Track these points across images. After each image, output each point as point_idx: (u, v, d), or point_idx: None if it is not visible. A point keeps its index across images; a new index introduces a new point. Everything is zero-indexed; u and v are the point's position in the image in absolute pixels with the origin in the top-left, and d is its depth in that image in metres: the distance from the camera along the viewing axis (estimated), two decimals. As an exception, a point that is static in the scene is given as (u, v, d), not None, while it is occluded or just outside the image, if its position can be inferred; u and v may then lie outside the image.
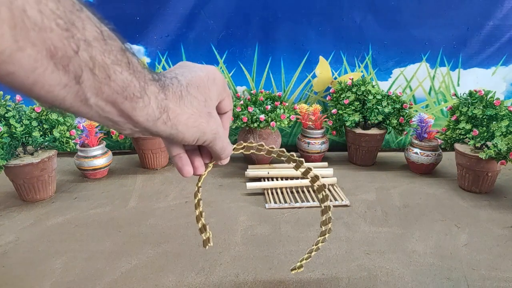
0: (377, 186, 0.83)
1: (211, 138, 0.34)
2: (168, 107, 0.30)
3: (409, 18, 0.94)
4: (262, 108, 0.86)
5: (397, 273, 0.53)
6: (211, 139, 0.35)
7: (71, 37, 0.23)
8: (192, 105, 0.31)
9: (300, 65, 0.99)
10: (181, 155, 0.37)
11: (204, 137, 0.33)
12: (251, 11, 0.92)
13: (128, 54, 0.27)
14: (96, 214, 0.70)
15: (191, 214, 0.70)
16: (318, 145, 0.94)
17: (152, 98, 0.29)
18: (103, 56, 0.25)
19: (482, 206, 0.74)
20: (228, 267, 0.54)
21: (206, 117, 0.33)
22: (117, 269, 0.53)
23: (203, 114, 0.32)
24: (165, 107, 0.30)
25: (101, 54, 0.25)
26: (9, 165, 0.69)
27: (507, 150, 0.69)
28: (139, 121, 0.29)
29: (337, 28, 0.95)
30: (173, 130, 0.31)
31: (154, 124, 0.30)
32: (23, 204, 0.74)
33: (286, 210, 0.71)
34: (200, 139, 0.33)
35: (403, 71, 1.00)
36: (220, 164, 0.40)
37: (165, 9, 0.90)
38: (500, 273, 0.53)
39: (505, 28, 0.95)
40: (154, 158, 0.91)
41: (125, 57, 0.27)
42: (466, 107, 0.80)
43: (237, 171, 0.92)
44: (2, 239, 0.61)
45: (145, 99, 0.28)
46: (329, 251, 0.58)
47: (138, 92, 0.28)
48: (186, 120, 0.31)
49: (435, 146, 0.87)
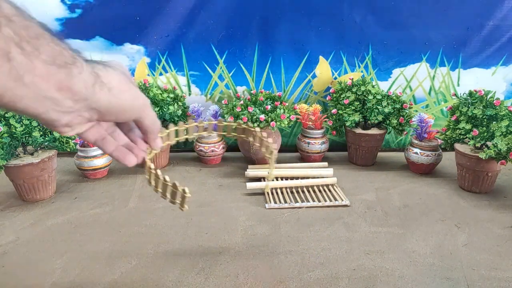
0: (377, 186, 0.83)
1: (143, 104, 0.36)
2: (98, 74, 0.31)
3: (409, 18, 0.94)
4: (262, 108, 0.86)
5: (397, 273, 0.53)
6: (143, 106, 0.36)
7: None
8: (117, 74, 0.33)
9: (300, 65, 0.99)
10: (118, 147, 0.39)
11: (138, 101, 0.35)
12: (251, 11, 0.92)
13: (47, 28, 0.28)
14: (96, 214, 0.70)
15: (191, 214, 0.70)
16: (318, 145, 0.94)
17: (84, 64, 0.30)
18: (26, 31, 0.26)
19: (482, 206, 0.74)
20: (228, 267, 0.54)
21: (133, 84, 0.34)
22: (117, 269, 0.53)
23: (129, 81, 0.34)
24: (96, 73, 0.31)
25: (24, 29, 0.26)
26: (9, 165, 0.69)
27: (507, 150, 0.69)
28: (77, 90, 0.30)
29: (337, 28, 0.95)
30: (111, 96, 0.32)
31: (93, 91, 0.31)
32: (23, 204, 0.74)
33: (286, 210, 0.71)
34: (135, 106, 0.35)
35: (403, 71, 1.00)
36: (154, 149, 0.43)
37: (165, 9, 0.90)
38: (500, 273, 0.53)
39: (505, 28, 0.95)
40: (154, 158, 0.91)
41: (47, 31, 0.28)
42: (466, 107, 0.80)
43: (237, 171, 0.92)
44: (2, 239, 0.61)
45: (77, 64, 0.29)
46: (329, 251, 0.58)
47: (70, 59, 0.29)
48: (118, 83, 0.33)
49: (435, 146, 0.87)
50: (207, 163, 0.97)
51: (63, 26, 0.89)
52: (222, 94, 1.02)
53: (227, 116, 0.87)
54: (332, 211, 0.71)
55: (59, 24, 0.88)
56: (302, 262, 0.55)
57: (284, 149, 1.05)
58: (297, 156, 1.02)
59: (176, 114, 0.92)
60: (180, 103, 0.93)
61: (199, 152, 0.95)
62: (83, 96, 0.31)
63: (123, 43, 0.93)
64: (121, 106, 0.35)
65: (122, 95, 0.34)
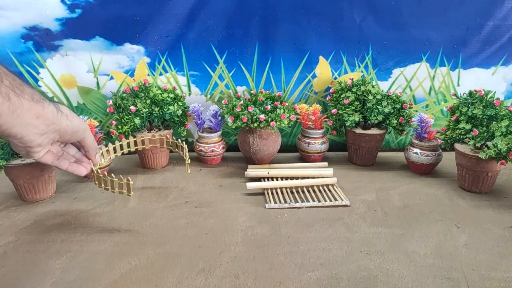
0: (377, 186, 0.83)
1: (86, 127, 0.56)
2: (58, 106, 0.50)
3: (409, 18, 0.94)
4: (262, 108, 0.86)
5: (397, 273, 0.53)
6: (86, 129, 0.57)
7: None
8: (67, 107, 0.53)
9: (300, 65, 0.99)
10: (70, 164, 0.58)
11: (83, 125, 0.56)
12: (251, 11, 0.92)
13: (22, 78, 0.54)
14: (96, 214, 0.70)
15: (192, 214, 0.70)
16: (318, 145, 0.94)
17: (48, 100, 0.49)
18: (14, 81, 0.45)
19: (482, 206, 0.74)
20: (228, 268, 0.54)
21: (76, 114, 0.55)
22: (117, 270, 0.53)
23: (74, 112, 0.54)
24: (57, 106, 0.50)
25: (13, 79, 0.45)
26: (9, 165, 0.69)
27: (507, 150, 0.69)
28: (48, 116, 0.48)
29: (337, 28, 0.95)
30: (67, 121, 0.51)
31: (57, 117, 0.49)
32: (23, 204, 0.74)
33: (286, 210, 0.71)
34: (82, 128, 0.55)
35: (403, 71, 1.00)
36: (94, 163, 0.62)
37: (165, 9, 0.90)
38: (500, 273, 0.53)
39: (505, 28, 0.94)
40: (154, 158, 0.91)
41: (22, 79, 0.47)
42: (466, 107, 0.80)
43: (237, 171, 0.92)
44: (2, 239, 0.61)
45: (46, 101, 0.48)
46: (329, 252, 0.58)
47: (41, 97, 0.47)
48: (70, 112, 0.52)
49: (435, 146, 0.87)
50: (207, 163, 0.97)
51: (63, 26, 0.89)
52: (222, 94, 1.02)
53: (227, 116, 0.87)
54: (332, 211, 0.71)
55: (59, 24, 0.88)
56: (302, 263, 0.55)
57: (284, 149, 1.05)
58: (297, 156, 1.02)
59: (176, 114, 0.92)
60: (180, 103, 0.93)
61: (199, 152, 0.95)
62: (52, 120, 0.48)
63: (123, 43, 0.93)
64: (74, 127, 0.53)
65: (74, 119, 0.53)
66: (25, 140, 0.47)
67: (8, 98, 0.42)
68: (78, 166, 0.59)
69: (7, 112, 0.42)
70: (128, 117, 0.85)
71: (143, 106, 0.87)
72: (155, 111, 0.89)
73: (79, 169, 0.59)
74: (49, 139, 0.50)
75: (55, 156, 0.56)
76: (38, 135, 0.48)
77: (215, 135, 0.94)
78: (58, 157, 0.57)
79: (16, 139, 0.46)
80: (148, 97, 0.89)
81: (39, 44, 0.90)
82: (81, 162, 0.60)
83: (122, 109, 0.87)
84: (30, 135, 0.47)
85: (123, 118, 0.85)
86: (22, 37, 0.88)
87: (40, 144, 0.49)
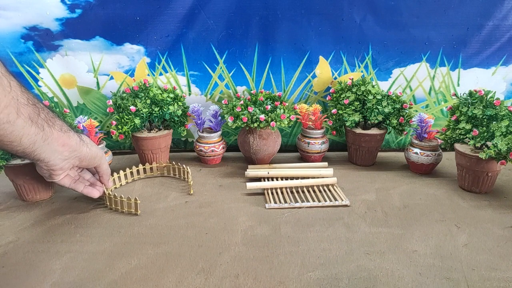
0: (377, 186, 0.83)
1: (102, 154, 0.66)
2: (80, 135, 0.60)
3: (409, 18, 0.94)
4: (262, 108, 0.86)
5: (397, 273, 0.53)
6: (102, 156, 0.66)
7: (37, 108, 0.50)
8: (87, 136, 0.64)
9: (300, 65, 0.99)
10: (85, 187, 0.68)
11: (100, 152, 0.65)
12: (251, 11, 0.92)
13: (54, 110, 0.58)
14: (96, 214, 0.70)
15: (191, 215, 0.70)
16: (318, 145, 0.94)
17: (73, 130, 0.59)
18: (48, 114, 0.53)
19: (482, 206, 0.74)
20: (228, 268, 0.54)
21: (94, 143, 0.65)
22: (117, 270, 0.53)
23: (92, 141, 0.65)
24: (80, 135, 0.60)
25: (47, 113, 0.53)
26: (9, 165, 0.69)
27: (507, 150, 0.69)
28: (72, 145, 0.57)
29: (337, 28, 0.95)
30: (87, 149, 0.61)
31: (79, 145, 0.59)
32: (23, 204, 0.74)
33: (286, 210, 0.71)
34: (99, 155, 0.64)
35: (403, 71, 1.00)
36: (107, 187, 0.72)
37: (165, 9, 0.90)
38: (500, 274, 0.53)
39: (505, 28, 0.95)
40: (154, 158, 0.91)
41: (54, 112, 0.56)
42: (466, 107, 0.80)
43: (237, 171, 0.92)
44: (2, 239, 0.61)
45: (71, 131, 0.58)
46: (329, 252, 0.58)
47: (67, 128, 0.57)
48: (90, 141, 0.63)
49: (435, 146, 0.87)
50: (207, 163, 0.97)
51: (63, 26, 0.89)
52: (222, 94, 1.02)
53: (227, 116, 0.87)
54: (332, 211, 0.71)
55: (59, 24, 0.88)
56: (302, 263, 0.55)
57: (284, 149, 1.05)
58: (297, 156, 1.02)
59: (176, 114, 0.92)
60: (180, 103, 0.93)
61: (199, 152, 0.95)
62: (74, 148, 0.57)
63: (123, 43, 0.93)
64: (92, 154, 0.62)
65: (93, 147, 0.62)
66: (50, 164, 0.56)
67: (43, 128, 0.51)
68: (92, 189, 0.69)
69: (40, 140, 0.51)
70: (128, 117, 0.85)
71: (143, 106, 0.87)
72: (155, 111, 0.89)
73: (93, 192, 0.68)
74: (70, 164, 0.59)
75: (72, 179, 0.66)
76: (61, 160, 0.57)
77: (215, 135, 0.94)
78: (75, 180, 0.66)
79: (43, 163, 0.55)
80: (148, 97, 0.89)
81: (39, 44, 0.90)
82: (95, 186, 0.70)
83: (122, 109, 0.87)
84: (55, 160, 0.56)
85: (123, 118, 0.85)
86: (22, 37, 0.88)
87: (62, 168, 0.58)
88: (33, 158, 0.54)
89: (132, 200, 0.68)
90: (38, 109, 0.51)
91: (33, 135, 0.50)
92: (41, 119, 0.51)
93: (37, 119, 0.50)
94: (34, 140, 0.50)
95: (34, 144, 0.51)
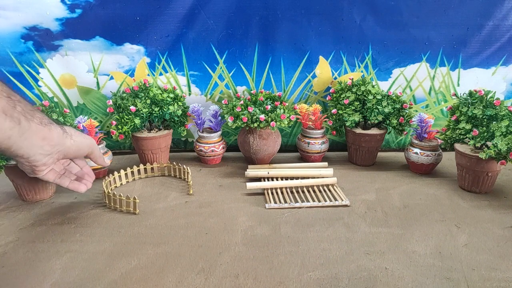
0: (377, 186, 0.83)
1: (91, 142, 0.62)
2: (64, 128, 0.56)
3: (409, 18, 0.94)
4: (262, 108, 0.86)
5: (397, 273, 0.53)
6: (93, 144, 0.62)
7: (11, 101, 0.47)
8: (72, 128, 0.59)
9: (300, 65, 0.99)
10: (71, 182, 0.64)
11: (87, 141, 0.61)
12: (251, 11, 0.92)
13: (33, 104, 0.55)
14: (96, 214, 0.70)
15: (191, 215, 0.70)
16: (318, 145, 0.94)
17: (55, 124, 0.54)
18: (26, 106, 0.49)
19: (482, 206, 0.74)
20: (228, 268, 0.54)
21: (81, 133, 0.61)
22: (117, 270, 0.53)
23: (79, 131, 0.61)
24: (63, 128, 0.56)
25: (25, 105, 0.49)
26: (9, 165, 0.69)
27: (507, 150, 0.69)
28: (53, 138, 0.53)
29: (337, 28, 0.95)
30: (71, 141, 0.57)
31: (62, 138, 0.55)
32: (23, 204, 0.74)
33: (286, 210, 0.71)
34: (85, 144, 0.60)
35: (403, 71, 1.00)
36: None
37: (165, 9, 0.90)
38: (500, 274, 0.53)
39: (505, 28, 0.95)
40: (154, 158, 0.91)
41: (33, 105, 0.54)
42: (466, 107, 0.80)
43: (237, 171, 0.92)
44: (2, 239, 0.61)
45: (53, 124, 0.54)
46: (329, 252, 0.58)
47: (48, 121, 0.53)
48: (74, 132, 0.58)
49: (435, 146, 0.87)
50: (207, 163, 0.97)
51: (63, 26, 0.89)
52: (222, 94, 1.02)
53: (227, 116, 0.87)
54: (332, 211, 0.71)
55: (59, 24, 0.88)
56: (302, 263, 0.55)
57: (284, 149, 1.05)
58: (297, 156, 1.02)
59: (176, 114, 0.92)
60: (180, 103, 0.93)
61: (199, 152, 0.95)
62: (57, 142, 0.54)
63: (123, 43, 0.93)
64: (78, 146, 0.58)
65: (77, 137, 0.58)
66: (31, 160, 0.52)
67: (19, 122, 0.47)
68: (79, 184, 0.65)
69: (16, 135, 0.47)
70: (128, 117, 0.85)
71: (143, 106, 0.87)
72: (155, 111, 0.89)
73: (79, 187, 0.64)
74: (53, 159, 0.56)
75: (57, 174, 0.62)
76: (43, 156, 0.53)
77: (215, 135, 0.94)
78: (60, 175, 0.63)
79: (23, 158, 0.52)
80: (148, 97, 0.89)
81: (39, 44, 0.90)
82: (82, 180, 0.66)
83: (122, 109, 0.87)
84: (36, 156, 0.52)
85: (123, 118, 0.85)
86: (22, 37, 0.88)
87: (45, 163, 0.55)
88: (10, 154, 0.50)
89: (131, 199, 0.68)
90: (14, 102, 0.47)
91: (7, 130, 0.46)
92: (17, 112, 0.47)
93: (12, 112, 0.46)
94: (8, 135, 0.46)
95: (10, 139, 0.47)
